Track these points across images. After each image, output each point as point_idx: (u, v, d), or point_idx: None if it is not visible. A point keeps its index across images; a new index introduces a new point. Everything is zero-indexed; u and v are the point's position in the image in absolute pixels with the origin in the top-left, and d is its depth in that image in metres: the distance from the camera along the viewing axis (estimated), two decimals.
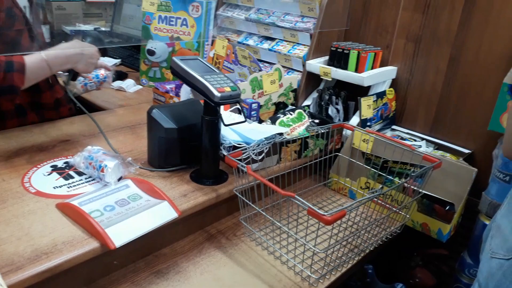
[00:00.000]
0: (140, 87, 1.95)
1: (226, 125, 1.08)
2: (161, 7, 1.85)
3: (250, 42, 1.88)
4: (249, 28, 1.91)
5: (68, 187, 1.06)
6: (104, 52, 2.32)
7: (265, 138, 1.21)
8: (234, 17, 1.93)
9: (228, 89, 1.05)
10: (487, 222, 1.22)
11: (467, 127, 1.46)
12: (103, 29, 2.53)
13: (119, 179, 1.07)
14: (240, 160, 1.08)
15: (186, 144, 1.16)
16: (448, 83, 1.48)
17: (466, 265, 1.29)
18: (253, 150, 1.16)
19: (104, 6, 2.66)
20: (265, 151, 1.22)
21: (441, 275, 1.47)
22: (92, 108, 1.72)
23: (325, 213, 0.86)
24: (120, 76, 2.00)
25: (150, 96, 1.74)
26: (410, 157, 1.24)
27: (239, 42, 1.92)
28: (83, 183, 1.08)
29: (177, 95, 1.59)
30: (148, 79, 1.96)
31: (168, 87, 1.63)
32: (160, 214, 0.98)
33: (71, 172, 1.12)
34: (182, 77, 1.10)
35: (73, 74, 1.33)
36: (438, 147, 1.51)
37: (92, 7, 2.62)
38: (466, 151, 1.44)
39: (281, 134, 1.28)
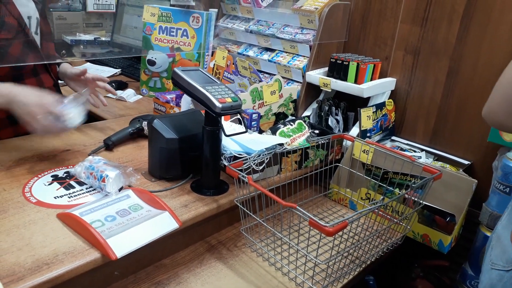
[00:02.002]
0: (140, 97, 1.95)
1: (227, 136, 1.08)
2: (161, 17, 1.86)
3: (250, 53, 1.89)
4: (249, 39, 1.93)
5: (69, 197, 1.05)
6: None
7: (265, 148, 1.22)
8: (234, 28, 1.95)
9: (229, 99, 1.05)
10: (487, 234, 1.22)
11: (467, 138, 1.46)
12: (103, 39, 2.54)
13: (120, 189, 1.07)
14: (241, 170, 1.08)
15: (187, 154, 1.16)
16: (447, 94, 1.49)
17: (468, 276, 1.29)
18: (254, 160, 1.17)
19: (105, 16, 2.67)
20: (266, 161, 1.22)
21: (442, 286, 1.46)
22: (92, 117, 1.72)
23: (327, 224, 0.86)
24: (120, 86, 2.01)
25: (151, 106, 1.74)
26: (410, 168, 1.24)
27: (239, 53, 1.93)
28: (84, 193, 1.08)
29: (178, 105, 1.60)
30: (149, 89, 1.96)
31: (168, 97, 1.64)
32: (161, 224, 0.98)
33: (72, 182, 1.12)
34: (184, 87, 1.11)
35: None
36: (438, 158, 1.51)
37: (92, 17, 2.63)
38: (466, 162, 1.45)
39: (281, 144, 1.28)
